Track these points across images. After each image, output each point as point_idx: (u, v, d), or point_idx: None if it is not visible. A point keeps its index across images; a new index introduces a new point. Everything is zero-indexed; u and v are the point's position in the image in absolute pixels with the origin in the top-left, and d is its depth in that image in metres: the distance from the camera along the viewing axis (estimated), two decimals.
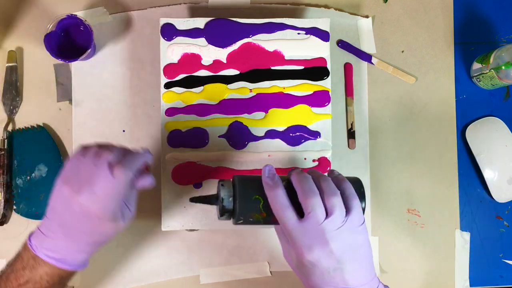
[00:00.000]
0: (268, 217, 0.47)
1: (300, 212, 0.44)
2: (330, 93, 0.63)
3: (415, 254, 0.69)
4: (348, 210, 0.44)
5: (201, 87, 0.62)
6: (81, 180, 0.47)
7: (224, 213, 0.48)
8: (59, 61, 0.68)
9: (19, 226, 0.67)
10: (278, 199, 0.44)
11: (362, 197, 0.47)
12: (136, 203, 0.51)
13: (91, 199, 0.46)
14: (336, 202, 0.44)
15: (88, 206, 0.47)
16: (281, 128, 0.62)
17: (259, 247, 0.68)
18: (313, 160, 0.62)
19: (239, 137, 0.62)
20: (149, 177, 0.51)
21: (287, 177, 0.48)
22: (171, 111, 0.62)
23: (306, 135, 0.62)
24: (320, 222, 0.43)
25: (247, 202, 0.47)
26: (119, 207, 0.48)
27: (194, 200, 0.50)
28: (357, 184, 0.48)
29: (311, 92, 0.63)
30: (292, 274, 0.70)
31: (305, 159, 0.62)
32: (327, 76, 0.63)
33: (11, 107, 0.68)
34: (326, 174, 0.48)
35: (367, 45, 0.71)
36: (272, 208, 0.45)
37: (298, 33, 0.63)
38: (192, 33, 0.62)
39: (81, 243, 0.50)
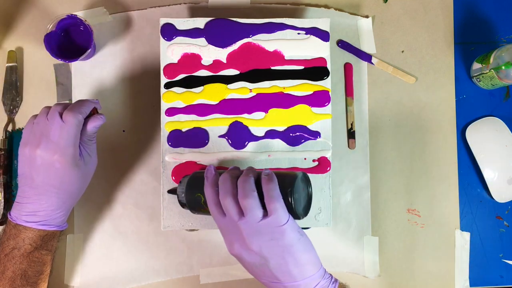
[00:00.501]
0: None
1: None
2: (330, 93, 0.63)
3: (415, 254, 0.69)
4: (268, 211, 0.46)
5: (201, 87, 0.62)
6: (37, 136, 0.52)
7: (182, 205, 0.55)
8: (59, 61, 0.68)
9: None
10: (208, 196, 0.49)
11: (289, 194, 0.47)
12: (96, 152, 0.57)
13: (48, 147, 0.51)
14: (249, 203, 0.46)
15: (47, 154, 0.51)
16: (281, 128, 0.62)
17: None
18: (313, 160, 0.62)
19: (239, 137, 0.62)
20: (99, 116, 0.56)
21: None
22: (171, 111, 0.62)
23: (306, 135, 0.62)
24: (235, 221, 0.46)
25: (192, 198, 0.53)
26: (77, 151, 0.53)
27: (169, 191, 0.59)
28: (289, 181, 0.48)
29: (311, 92, 0.63)
30: None
31: (305, 159, 0.62)
32: (327, 76, 0.63)
33: (11, 107, 0.68)
34: (262, 172, 0.49)
35: (367, 45, 0.71)
36: None
37: (298, 33, 0.63)
38: (192, 33, 0.62)
39: (53, 199, 0.53)
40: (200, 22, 0.63)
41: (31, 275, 0.55)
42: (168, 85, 0.62)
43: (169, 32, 0.62)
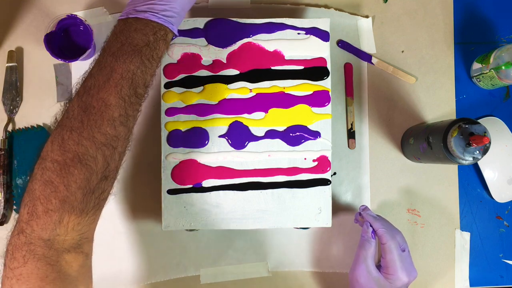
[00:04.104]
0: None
1: None
2: (330, 93, 0.63)
3: (415, 254, 0.69)
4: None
5: (201, 87, 0.62)
6: None
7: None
8: (59, 61, 0.68)
9: None
10: None
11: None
12: None
13: None
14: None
15: None
16: (281, 128, 0.62)
17: (259, 247, 0.68)
18: (313, 160, 0.62)
19: (239, 137, 0.62)
20: None
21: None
22: (171, 111, 0.62)
23: (306, 135, 0.62)
24: None
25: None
26: None
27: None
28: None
29: (311, 92, 0.63)
30: (292, 274, 0.70)
31: (305, 159, 0.62)
32: (327, 76, 0.63)
33: (11, 107, 0.68)
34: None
35: (367, 45, 0.71)
36: None
37: (298, 33, 0.63)
38: (192, 33, 0.62)
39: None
40: (200, 22, 0.63)
41: (139, 83, 0.47)
42: (168, 85, 0.62)
43: None
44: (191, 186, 0.62)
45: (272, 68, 0.63)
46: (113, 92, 0.45)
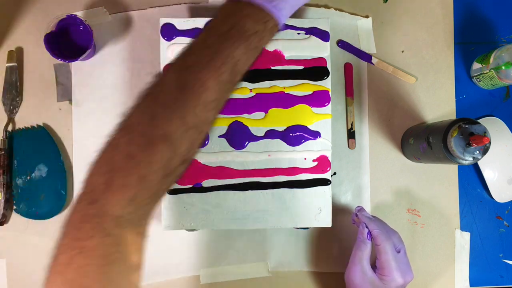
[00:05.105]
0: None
1: None
2: (330, 93, 0.63)
3: (415, 254, 0.69)
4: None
5: None
6: None
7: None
8: (59, 61, 0.68)
9: (19, 226, 0.67)
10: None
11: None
12: None
13: None
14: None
15: None
16: (281, 128, 0.62)
17: (259, 247, 0.68)
18: (313, 160, 0.62)
19: (239, 137, 0.62)
20: None
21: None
22: None
23: (306, 135, 0.62)
24: None
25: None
26: None
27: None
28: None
29: (311, 92, 0.63)
30: (292, 274, 0.70)
31: (305, 159, 0.62)
32: (327, 76, 0.63)
33: (11, 107, 0.68)
34: None
35: (367, 45, 0.71)
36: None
37: (298, 33, 0.63)
38: (192, 33, 0.62)
39: None
40: (200, 22, 0.63)
41: (239, 71, 0.43)
42: None
43: (169, 32, 0.62)
44: (191, 186, 0.62)
45: (272, 68, 0.63)
46: (213, 75, 0.42)
